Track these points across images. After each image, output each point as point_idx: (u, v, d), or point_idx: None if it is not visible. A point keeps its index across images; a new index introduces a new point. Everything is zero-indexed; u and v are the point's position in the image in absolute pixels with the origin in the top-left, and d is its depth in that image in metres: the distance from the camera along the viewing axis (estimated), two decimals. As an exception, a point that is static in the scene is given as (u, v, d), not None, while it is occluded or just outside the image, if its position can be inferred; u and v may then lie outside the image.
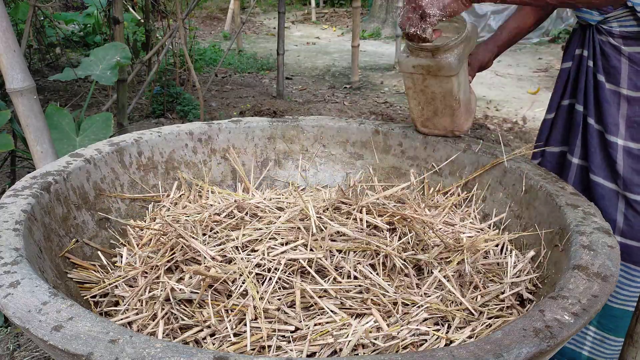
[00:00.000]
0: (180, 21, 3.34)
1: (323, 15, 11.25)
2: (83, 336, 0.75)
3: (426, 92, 1.47)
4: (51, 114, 2.03)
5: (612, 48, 1.30)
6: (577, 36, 1.41)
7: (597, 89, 1.33)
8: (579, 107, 1.38)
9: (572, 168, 1.40)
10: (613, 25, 1.29)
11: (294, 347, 0.95)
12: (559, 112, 1.45)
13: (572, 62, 1.41)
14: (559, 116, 1.45)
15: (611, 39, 1.30)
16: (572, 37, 1.43)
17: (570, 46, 1.43)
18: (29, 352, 1.86)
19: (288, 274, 1.09)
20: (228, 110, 4.56)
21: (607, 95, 1.32)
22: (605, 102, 1.32)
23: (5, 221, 1.03)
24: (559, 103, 1.45)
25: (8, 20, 1.49)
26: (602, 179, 1.34)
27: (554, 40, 7.88)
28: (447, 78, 1.41)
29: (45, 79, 4.91)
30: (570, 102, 1.42)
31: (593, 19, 1.32)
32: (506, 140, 3.96)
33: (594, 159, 1.35)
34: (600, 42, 1.32)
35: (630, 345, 1.13)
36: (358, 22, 5.43)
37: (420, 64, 1.41)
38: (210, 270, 1.06)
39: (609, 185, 1.34)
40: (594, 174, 1.35)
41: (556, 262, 1.11)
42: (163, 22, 4.71)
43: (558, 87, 1.45)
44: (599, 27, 1.32)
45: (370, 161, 1.69)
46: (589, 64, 1.35)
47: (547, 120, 1.49)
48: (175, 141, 1.57)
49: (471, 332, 1.01)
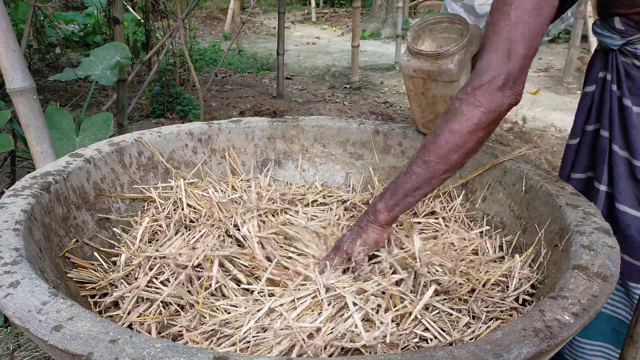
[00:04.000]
0: (180, 21, 3.34)
1: (323, 15, 11.25)
2: (83, 336, 0.75)
3: (427, 96, 1.47)
4: (51, 114, 2.03)
5: (639, 70, 1.23)
6: (599, 58, 1.34)
7: (624, 113, 1.26)
8: (604, 132, 1.31)
9: (599, 195, 1.33)
10: (638, 47, 1.21)
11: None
12: (584, 137, 1.38)
13: (596, 85, 1.34)
14: (583, 142, 1.38)
15: (637, 61, 1.23)
16: (594, 59, 1.36)
17: (593, 69, 1.35)
18: (29, 352, 1.86)
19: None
20: (228, 110, 4.56)
21: (634, 120, 1.24)
22: (633, 128, 1.24)
23: (5, 221, 1.03)
24: (583, 128, 1.38)
25: (8, 20, 1.48)
26: (629, 208, 1.27)
27: (554, 40, 7.88)
28: (448, 83, 1.41)
29: (45, 79, 4.91)
30: (595, 127, 1.35)
31: (615, 44, 1.25)
32: (506, 140, 3.96)
33: (619, 186, 1.28)
34: (625, 64, 1.25)
35: (630, 345, 1.13)
36: (358, 22, 5.43)
37: (421, 68, 1.40)
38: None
39: (636, 214, 1.26)
40: (619, 202, 1.28)
41: (556, 262, 1.11)
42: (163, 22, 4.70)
43: (582, 111, 1.37)
44: (623, 49, 1.24)
45: (370, 161, 1.69)
46: (612, 88, 1.28)
47: (571, 146, 1.42)
48: (175, 141, 1.57)
49: (471, 333, 1.01)
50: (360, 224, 1.18)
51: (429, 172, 1.08)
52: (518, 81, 1.01)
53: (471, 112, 1.02)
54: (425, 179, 1.09)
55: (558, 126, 4.34)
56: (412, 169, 1.10)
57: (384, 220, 1.15)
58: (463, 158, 1.07)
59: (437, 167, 1.07)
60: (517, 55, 1.00)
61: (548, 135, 4.15)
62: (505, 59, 1.00)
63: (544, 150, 3.80)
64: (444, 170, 1.08)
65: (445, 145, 1.05)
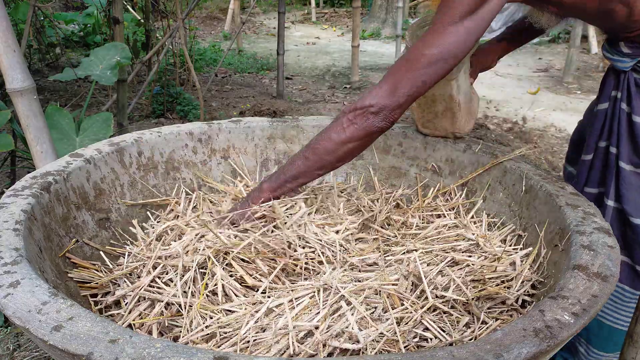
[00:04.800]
0: (180, 21, 3.34)
1: (323, 15, 11.25)
2: (83, 336, 0.75)
3: (426, 95, 1.47)
4: (51, 114, 2.03)
5: None
6: (611, 76, 1.38)
7: (633, 129, 1.30)
8: (613, 149, 1.35)
9: (607, 210, 1.36)
10: None
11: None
12: (597, 153, 1.42)
13: (608, 103, 1.38)
14: (596, 157, 1.42)
15: None
16: (607, 77, 1.40)
17: (606, 86, 1.39)
18: (29, 352, 1.86)
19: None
20: (228, 110, 4.56)
21: None
22: None
23: (5, 221, 1.03)
24: (596, 144, 1.42)
25: (8, 20, 1.48)
26: None
27: (554, 40, 7.88)
28: (446, 82, 1.41)
29: (45, 79, 4.91)
30: (606, 144, 1.39)
31: (626, 66, 1.30)
32: (506, 140, 3.96)
33: (631, 201, 1.31)
34: (637, 80, 1.29)
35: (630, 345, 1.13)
36: (358, 22, 5.43)
37: None
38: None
39: None
40: (633, 216, 1.31)
41: (556, 262, 1.11)
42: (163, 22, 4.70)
43: (596, 128, 1.42)
44: (636, 66, 1.29)
45: (370, 161, 1.69)
46: (622, 106, 1.32)
47: (585, 162, 1.46)
48: (175, 141, 1.57)
49: (471, 333, 1.01)
50: (249, 198, 1.35)
51: (306, 167, 1.28)
52: (395, 112, 1.19)
53: (348, 126, 1.21)
54: (302, 171, 1.28)
55: (558, 126, 4.34)
56: (294, 161, 1.30)
57: (266, 199, 1.32)
58: (335, 162, 1.26)
59: (313, 164, 1.27)
60: (401, 93, 1.16)
61: (548, 135, 4.15)
62: (389, 94, 1.17)
63: (544, 150, 3.80)
64: (317, 167, 1.27)
65: (322, 149, 1.25)
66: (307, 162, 1.28)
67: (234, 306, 1.05)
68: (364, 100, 1.20)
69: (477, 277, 1.14)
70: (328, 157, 1.25)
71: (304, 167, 1.28)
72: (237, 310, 1.04)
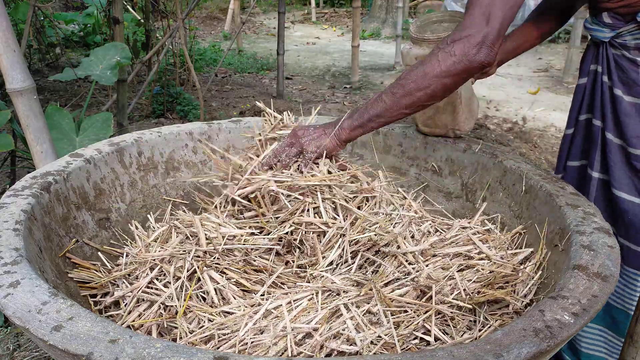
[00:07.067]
0: (180, 21, 3.34)
1: (323, 15, 11.25)
2: (83, 336, 0.75)
3: None
4: (51, 114, 2.03)
5: (629, 61, 1.29)
6: (590, 52, 1.40)
7: (615, 103, 1.32)
8: (597, 121, 1.37)
9: (592, 182, 1.38)
10: (627, 39, 1.28)
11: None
12: (578, 127, 1.45)
13: (587, 77, 1.41)
14: (577, 131, 1.45)
15: (626, 53, 1.29)
16: (586, 53, 1.42)
17: (585, 62, 1.42)
18: (29, 352, 1.86)
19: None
20: (228, 110, 4.56)
21: (626, 108, 1.30)
22: (625, 116, 1.30)
23: (5, 221, 1.03)
24: (576, 118, 1.45)
25: (8, 20, 1.48)
26: (625, 194, 1.32)
27: (554, 41, 7.88)
28: None
29: (45, 79, 4.91)
30: (587, 117, 1.42)
31: (605, 36, 1.31)
32: (506, 140, 3.96)
33: (615, 173, 1.33)
34: (615, 56, 1.31)
35: (630, 345, 1.13)
36: (358, 22, 5.43)
37: (423, 54, 1.41)
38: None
39: (633, 200, 1.31)
40: (616, 188, 1.33)
41: (556, 262, 1.11)
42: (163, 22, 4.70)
43: (575, 103, 1.45)
44: (613, 41, 1.31)
45: (370, 161, 1.69)
46: (603, 79, 1.34)
47: (567, 136, 1.49)
48: (175, 141, 1.57)
49: (470, 335, 1.01)
50: (326, 130, 1.28)
51: (392, 102, 1.18)
52: (494, 44, 1.09)
53: (444, 59, 1.10)
54: (388, 108, 1.19)
55: (558, 126, 4.34)
56: (381, 97, 1.21)
57: (344, 137, 1.27)
58: (426, 99, 1.16)
59: (401, 100, 1.17)
60: (496, 18, 1.07)
61: (548, 135, 4.15)
62: (484, 21, 1.08)
63: (544, 150, 3.80)
64: (405, 105, 1.17)
65: (413, 84, 1.15)
66: (394, 98, 1.18)
67: (233, 308, 1.05)
68: (461, 33, 1.09)
69: (485, 282, 1.13)
70: (419, 92, 1.15)
71: (391, 103, 1.18)
72: (236, 312, 1.04)
